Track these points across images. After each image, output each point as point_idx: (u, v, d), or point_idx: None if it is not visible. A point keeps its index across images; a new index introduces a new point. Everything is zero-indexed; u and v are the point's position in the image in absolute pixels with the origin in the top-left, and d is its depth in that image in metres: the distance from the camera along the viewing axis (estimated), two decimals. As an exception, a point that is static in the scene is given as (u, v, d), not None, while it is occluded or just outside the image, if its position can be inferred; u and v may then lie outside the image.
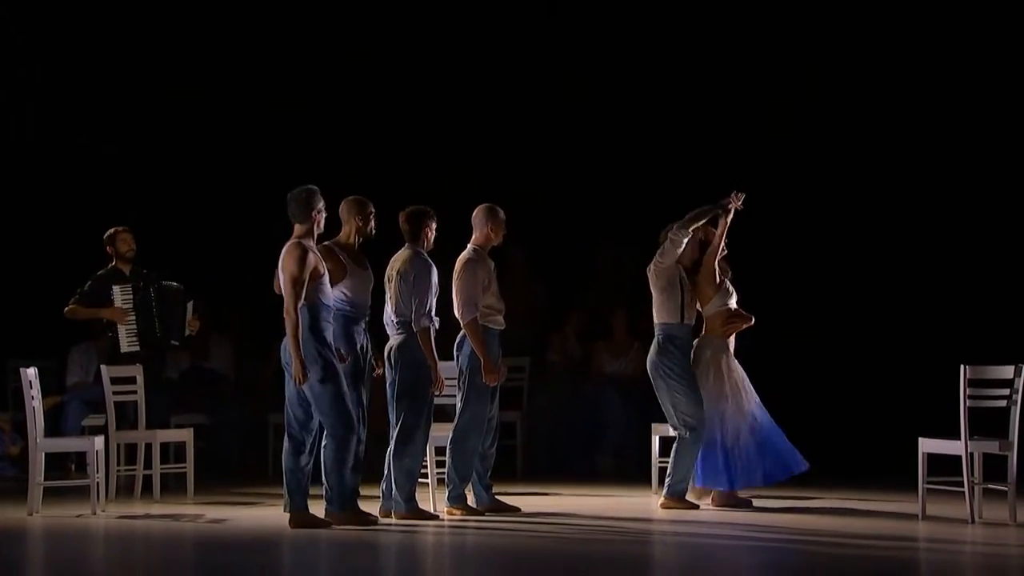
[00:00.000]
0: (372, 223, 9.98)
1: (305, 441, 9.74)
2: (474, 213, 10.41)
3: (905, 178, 14.49)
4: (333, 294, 9.75)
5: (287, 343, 9.60)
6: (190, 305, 12.00)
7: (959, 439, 9.75)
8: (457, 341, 10.34)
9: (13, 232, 14.74)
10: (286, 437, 9.81)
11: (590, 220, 15.01)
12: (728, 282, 10.79)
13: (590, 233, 15.02)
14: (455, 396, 10.36)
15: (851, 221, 14.59)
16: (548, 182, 14.82)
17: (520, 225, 10.53)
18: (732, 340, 10.80)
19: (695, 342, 10.71)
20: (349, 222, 9.96)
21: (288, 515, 9.74)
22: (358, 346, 9.88)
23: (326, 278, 9.65)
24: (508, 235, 10.48)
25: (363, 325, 9.95)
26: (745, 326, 10.77)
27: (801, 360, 14.21)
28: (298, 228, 9.68)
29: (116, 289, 11.87)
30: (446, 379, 10.23)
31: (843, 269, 14.55)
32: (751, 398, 10.66)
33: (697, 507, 10.55)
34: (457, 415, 10.36)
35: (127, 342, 11.87)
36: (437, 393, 10.08)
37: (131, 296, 11.88)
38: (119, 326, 11.84)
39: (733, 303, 10.77)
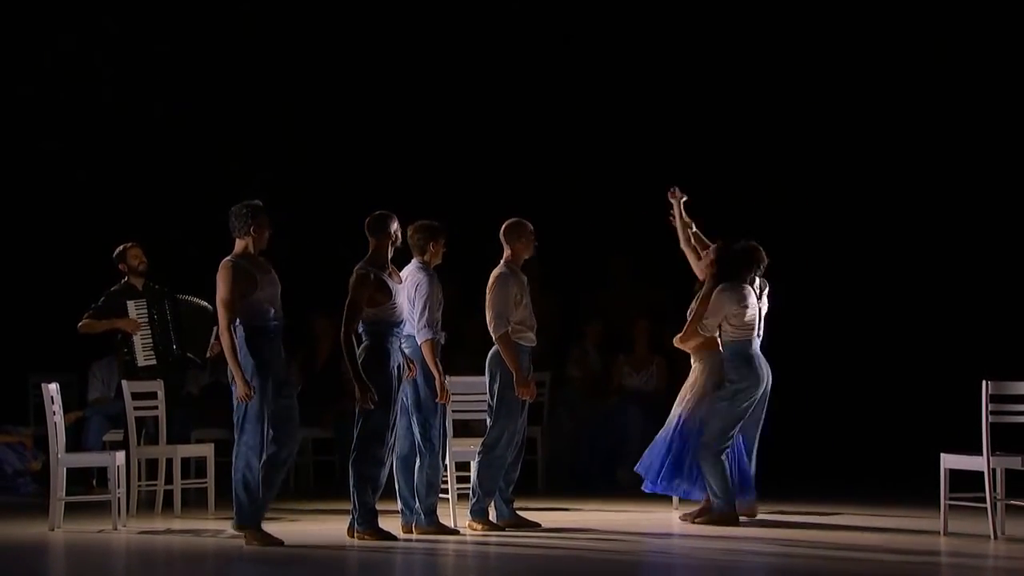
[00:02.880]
0: (399, 237, 9.94)
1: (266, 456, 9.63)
2: (502, 228, 10.39)
3: (928, 192, 14.46)
4: (380, 315, 9.72)
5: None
6: (216, 328, 12.03)
7: (981, 455, 9.71)
8: (489, 356, 10.34)
9: (34, 248, 14.78)
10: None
11: (603, 229, 15.00)
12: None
13: (603, 242, 15.02)
14: (484, 411, 10.37)
15: (873, 234, 14.57)
16: (560, 191, 14.81)
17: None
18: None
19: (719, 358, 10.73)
20: (380, 239, 9.78)
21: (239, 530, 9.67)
22: (396, 364, 9.81)
23: (261, 295, 9.53)
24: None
25: (401, 341, 9.88)
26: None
27: (823, 375, 14.19)
28: (238, 244, 9.60)
29: (130, 304, 11.90)
30: (474, 394, 10.26)
31: (864, 283, 14.53)
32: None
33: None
34: (488, 429, 10.36)
35: (143, 356, 11.90)
36: (442, 404, 10.00)
37: (146, 310, 11.91)
38: (135, 340, 11.87)
39: None
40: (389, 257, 9.83)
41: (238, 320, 9.48)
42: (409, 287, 9.93)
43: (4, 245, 14.81)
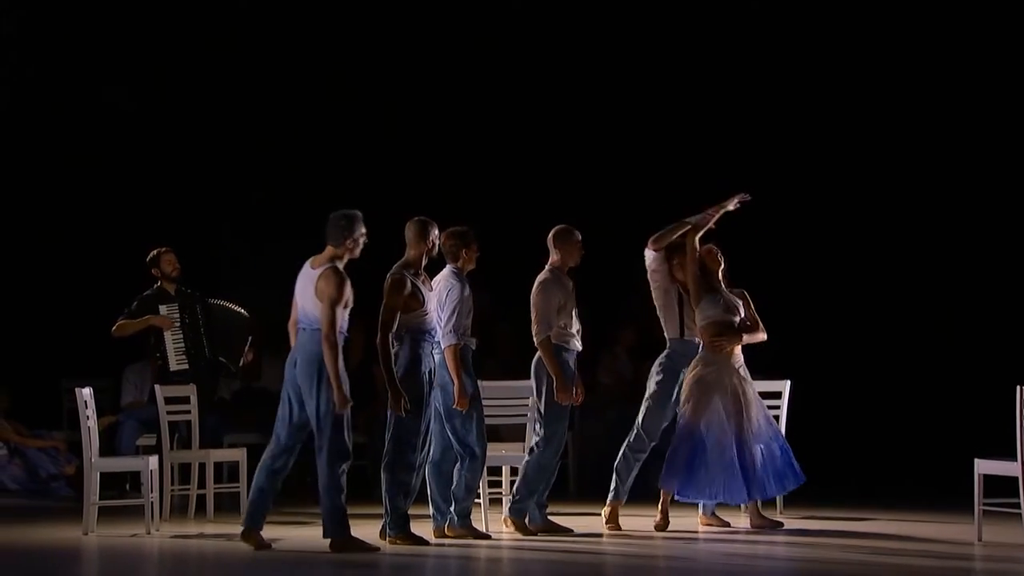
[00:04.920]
0: (436, 245, 9.94)
1: (287, 464, 9.67)
2: (551, 234, 10.45)
3: (964, 197, 14.42)
4: (411, 322, 9.71)
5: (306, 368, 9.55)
6: (251, 338, 12.10)
7: (1016, 460, 9.67)
8: (533, 362, 10.36)
9: (68, 253, 14.85)
10: (269, 457, 9.73)
11: (634, 234, 14.98)
12: (721, 295, 10.66)
13: (634, 247, 15.00)
14: (515, 416, 10.43)
15: (908, 238, 14.53)
16: (592, 197, 14.81)
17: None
18: (737, 355, 10.61)
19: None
20: (418, 245, 9.83)
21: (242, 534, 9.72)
22: (428, 370, 9.84)
23: (345, 310, 9.56)
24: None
25: (432, 347, 9.91)
26: (736, 343, 10.57)
27: (857, 381, 14.15)
28: (331, 250, 9.56)
29: (162, 308, 11.96)
30: (506, 399, 10.39)
31: (899, 289, 14.49)
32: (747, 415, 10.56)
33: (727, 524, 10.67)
34: (535, 433, 10.36)
35: (175, 360, 11.96)
36: (475, 409, 9.98)
37: (178, 315, 11.97)
38: (167, 345, 11.92)
39: (729, 317, 10.61)
40: (423, 264, 9.84)
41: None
42: (440, 292, 9.95)
43: (38, 251, 14.88)
